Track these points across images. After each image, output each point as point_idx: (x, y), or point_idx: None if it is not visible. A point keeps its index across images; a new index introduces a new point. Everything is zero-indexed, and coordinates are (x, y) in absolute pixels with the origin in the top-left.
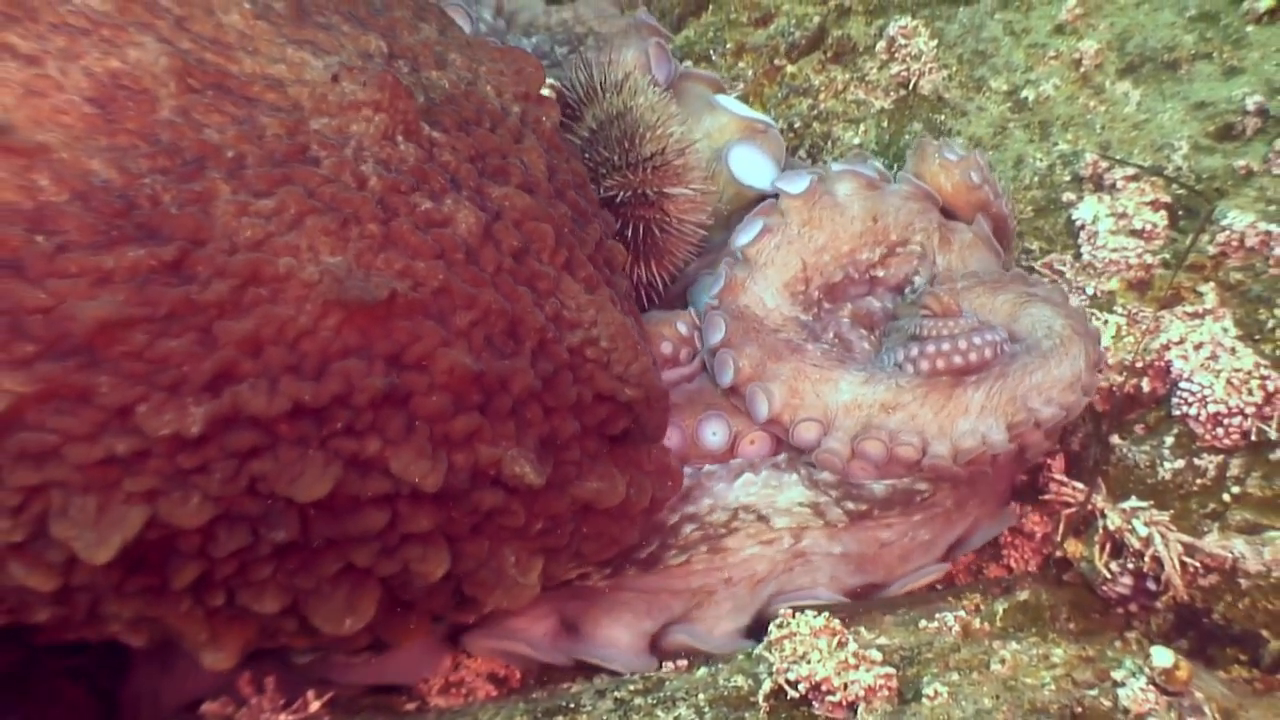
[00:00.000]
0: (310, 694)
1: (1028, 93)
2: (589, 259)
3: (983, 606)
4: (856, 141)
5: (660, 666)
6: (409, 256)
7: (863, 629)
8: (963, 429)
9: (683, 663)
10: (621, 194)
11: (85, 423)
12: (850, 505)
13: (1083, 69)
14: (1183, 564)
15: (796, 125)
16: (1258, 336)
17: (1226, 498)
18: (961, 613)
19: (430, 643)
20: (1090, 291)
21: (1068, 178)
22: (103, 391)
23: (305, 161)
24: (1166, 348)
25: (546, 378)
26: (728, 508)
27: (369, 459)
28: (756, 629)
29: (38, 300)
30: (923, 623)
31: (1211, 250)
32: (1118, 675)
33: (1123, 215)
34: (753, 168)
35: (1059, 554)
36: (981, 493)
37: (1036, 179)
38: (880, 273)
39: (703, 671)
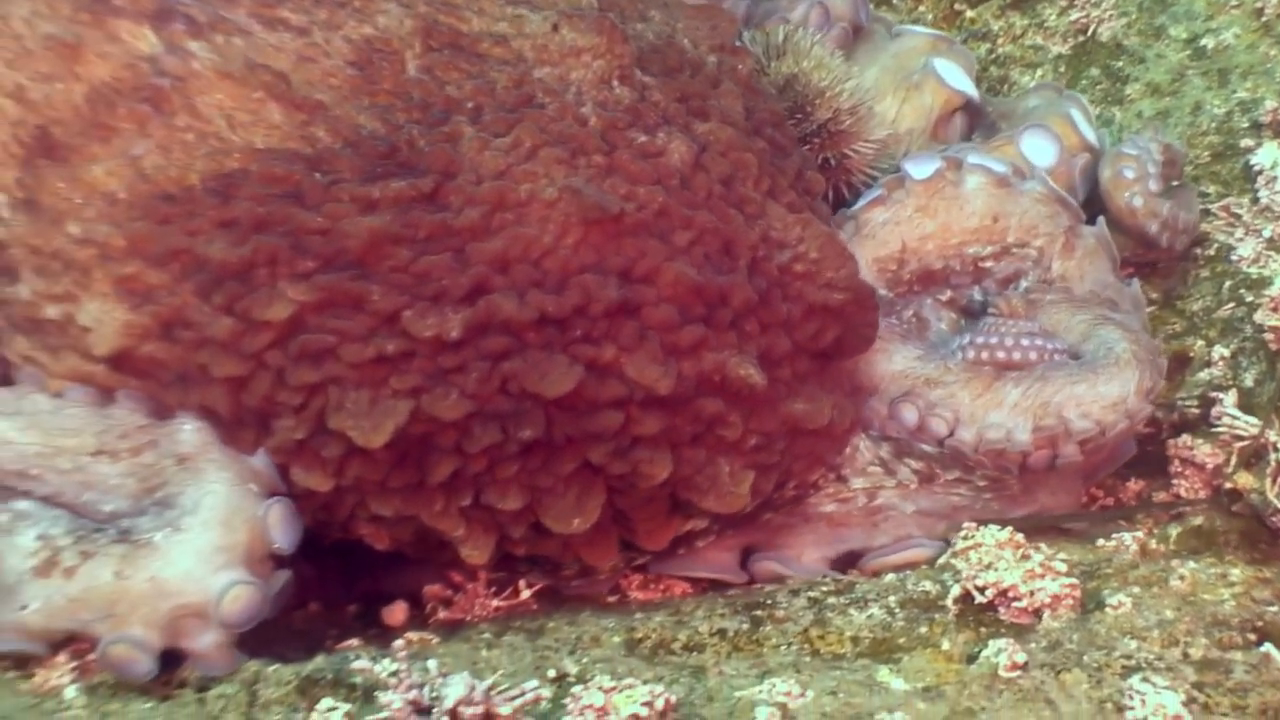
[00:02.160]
0: (522, 583)
1: (1207, 41)
2: (789, 188)
3: (1155, 530)
4: (1031, 86)
5: None
6: (631, 182)
7: (1042, 545)
8: (991, 420)
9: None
10: None
11: (359, 326)
12: (912, 463)
13: (1264, 18)
14: None
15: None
16: None
17: None
18: (1139, 533)
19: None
20: (1267, 234)
21: (1246, 124)
22: (374, 299)
23: (532, 107)
24: None
25: (761, 293)
26: None
27: (606, 364)
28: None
29: (315, 223)
30: (1100, 541)
31: None
32: None
33: None
34: (953, 76)
35: (1229, 485)
36: (1052, 485)
37: (1214, 125)
38: (989, 265)
39: (890, 577)
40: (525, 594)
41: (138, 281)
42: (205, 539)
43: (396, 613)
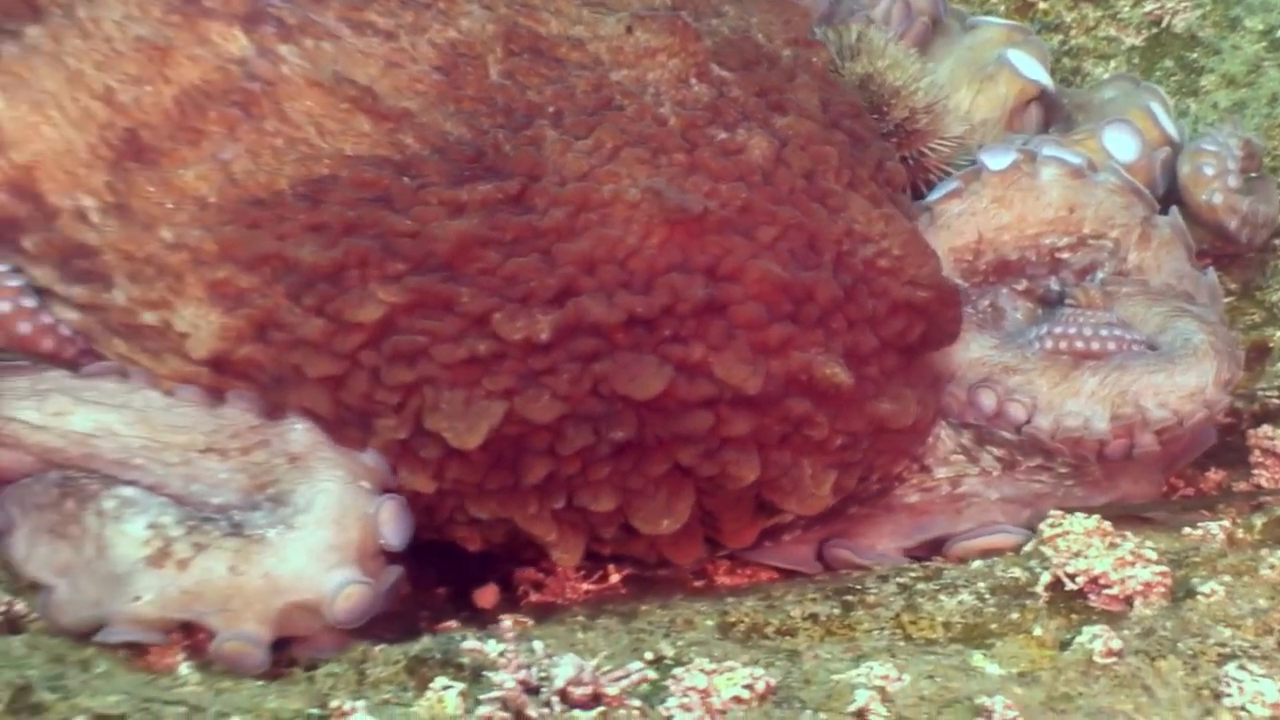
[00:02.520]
0: (611, 567)
1: None
2: (870, 179)
3: (1239, 520)
4: (1105, 78)
5: None
6: (713, 180)
7: (1128, 533)
8: (1069, 408)
9: None
10: None
11: (449, 327)
12: (994, 450)
13: None
14: None
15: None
16: None
17: None
18: (1224, 522)
19: None
20: None
21: None
22: (464, 301)
23: (610, 109)
24: None
25: (846, 289)
26: None
27: (695, 364)
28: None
29: (405, 226)
30: (1186, 530)
31: None
32: None
33: None
34: (1028, 66)
35: None
36: (1134, 473)
37: None
38: (1066, 256)
39: (978, 564)
40: (614, 578)
41: (230, 285)
42: (318, 537)
43: (487, 595)
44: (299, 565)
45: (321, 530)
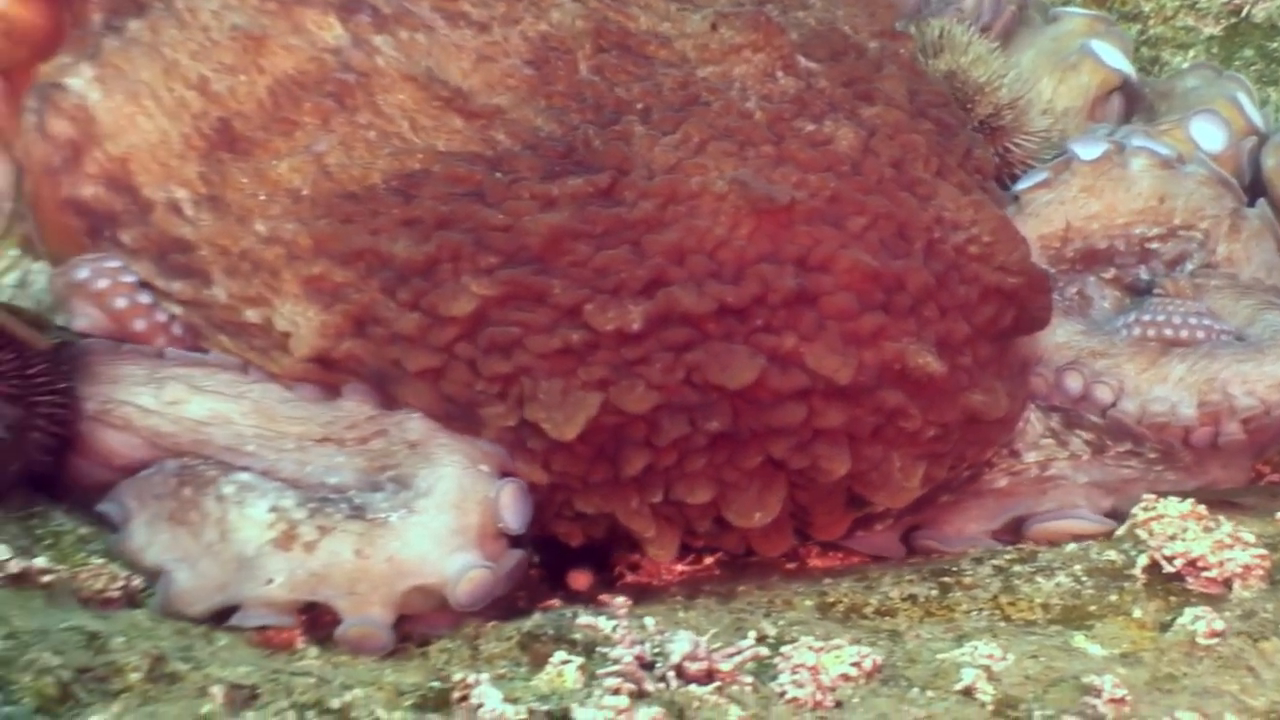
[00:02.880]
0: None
1: None
2: (958, 167)
3: None
4: (1184, 66)
5: None
6: (802, 171)
7: (1221, 517)
8: (1156, 394)
9: None
10: None
11: (542, 318)
12: (1082, 434)
13: None
14: None
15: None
16: None
17: None
18: None
19: None
20: None
21: None
22: (555, 293)
23: (697, 105)
24: None
25: (937, 276)
26: None
27: (787, 354)
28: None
29: (497, 219)
30: (1278, 515)
31: None
32: None
33: None
34: (1111, 55)
35: None
36: (1223, 459)
37: None
38: (1156, 246)
39: (1072, 547)
40: (708, 560)
41: (325, 280)
42: (440, 521)
43: (581, 578)
44: (422, 549)
45: (443, 514)
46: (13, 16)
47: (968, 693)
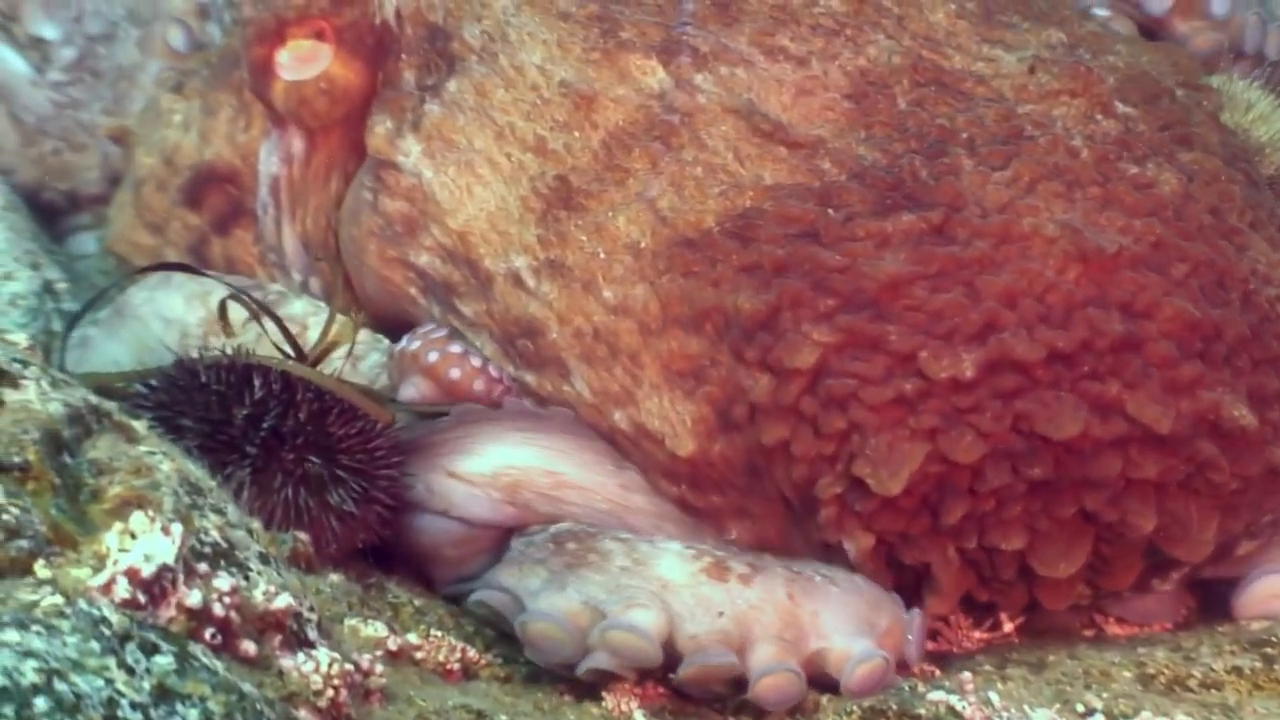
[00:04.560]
0: (1003, 615)
1: None
2: (1268, 222)
3: None
4: None
5: None
6: (1127, 215)
7: None
8: None
9: None
10: None
11: (877, 368)
12: None
13: None
14: None
15: None
16: None
17: None
18: None
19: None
20: None
21: None
22: (891, 340)
23: (1022, 139)
24: None
25: (1252, 328)
26: None
27: (1109, 401)
28: None
29: (835, 261)
30: None
31: None
32: None
33: None
34: None
35: None
36: None
37: None
38: None
39: None
40: (1007, 627)
41: (681, 357)
42: (858, 603)
43: None
44: (840, 618)
45: (861, 600)
46: (335, 76)
47: None
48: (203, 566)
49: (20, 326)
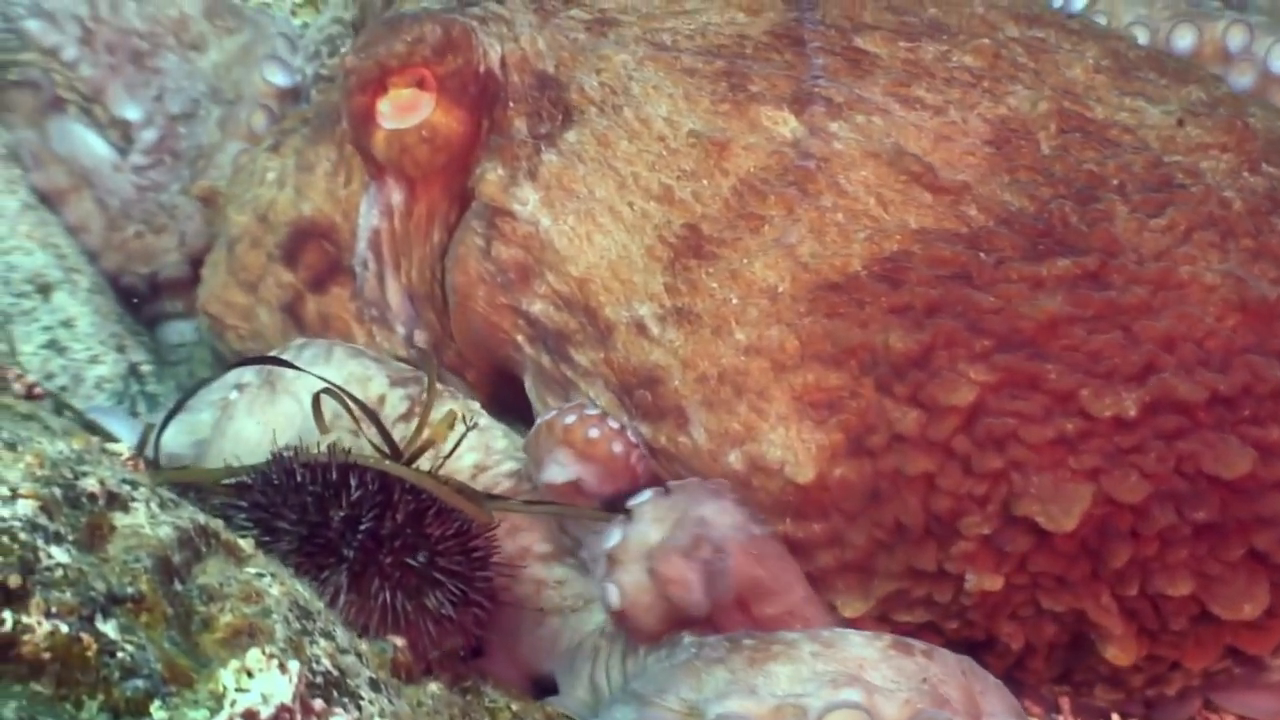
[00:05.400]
0: (1115, 716)
1: None
2: None
3: None
4: None
5: None
6: (1277, 267)
7: None
8: None
9: None
10: None
11: (1037, 406)
12: None
13: None
14: None
15: None
16: None
17: None
18: None
19: None
20: None
21: None
22: (1051, 379)
23: (1174, 187)
24: None
25: None
26: None
27: (1271, 445)
28: None
29: (988, 303)
30: None
31: None
32: None
33: None
34: None
35: None
36: None
37: None
38: None
39: None
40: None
41: (818, 389)
42: (1003, 690)
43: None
44: (998, 700)
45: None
46: (436, 124)
47: None
48: (318, 703)
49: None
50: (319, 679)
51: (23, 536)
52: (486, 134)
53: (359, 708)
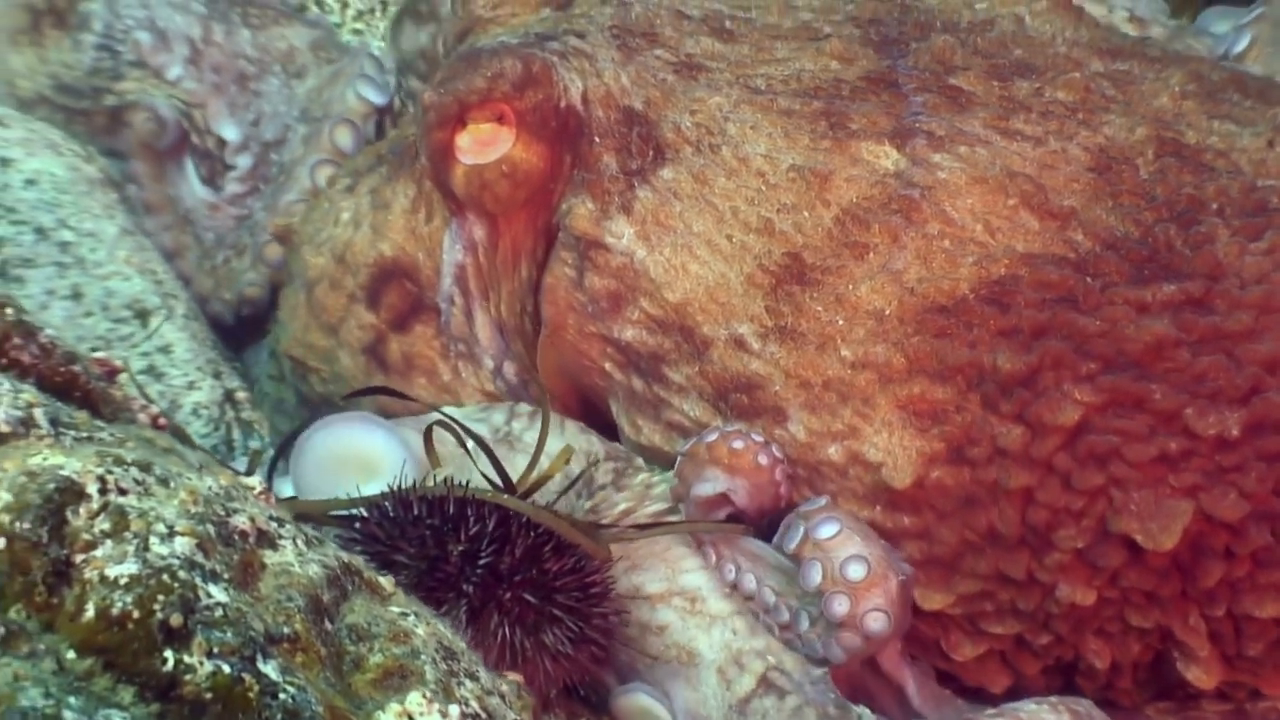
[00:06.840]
0: None
1: None
2: None
3: None
4: None
5: None
6: None
7: None
8: None
9: None
10: None
11: (1140, 425)
12: None
13: None
14: None
15: None
16: None
17: None
18: None
19: None
20: None
21: None
22: (1155, 399)
23: (1269, 212)
24: None
25: None
26: None
27: None
28: None
29: (1094, 326)
30: None
31: None
32: None
33: None
34: None
35: None
36: None
37: None
38: None
39: None
40: None
41: (924, 401)
42: None
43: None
44: None
45: None
46: (516, 160)
47: None
48: None
49: (202, 437)
50: None
51: (182, 575)
52: (569, 168)
53: None
